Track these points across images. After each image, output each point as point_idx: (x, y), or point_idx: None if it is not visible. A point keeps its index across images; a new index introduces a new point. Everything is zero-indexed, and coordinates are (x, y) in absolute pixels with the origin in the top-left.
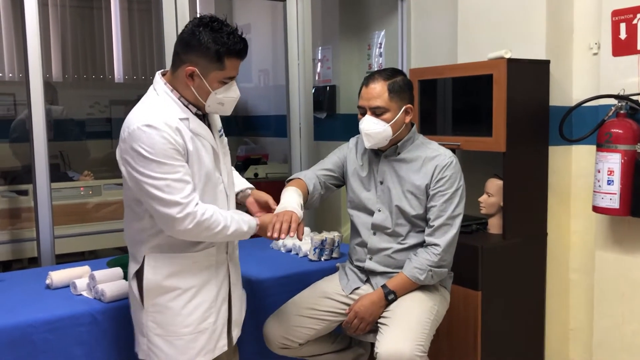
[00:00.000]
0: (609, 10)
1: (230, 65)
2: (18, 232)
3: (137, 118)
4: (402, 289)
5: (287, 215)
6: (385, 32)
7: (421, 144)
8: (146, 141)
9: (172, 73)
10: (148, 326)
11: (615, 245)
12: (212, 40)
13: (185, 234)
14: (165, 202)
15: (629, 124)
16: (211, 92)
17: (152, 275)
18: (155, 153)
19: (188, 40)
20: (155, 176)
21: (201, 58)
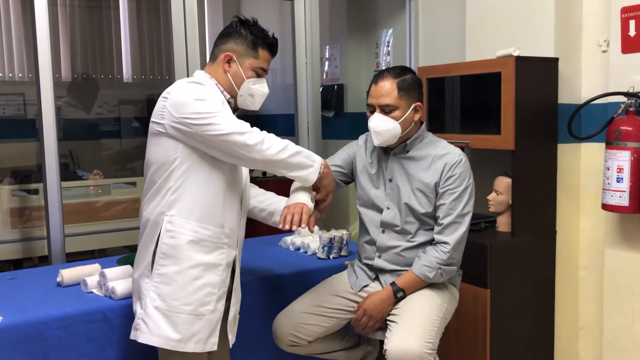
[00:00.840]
0: (618, 7)
1: (263, 56)
2: (29, 230)
3: (178, 84)
4: (411, 286)
5: (298, 207)
6: (393, 30)
7: (430, 142)
8: (195, 89)
9: (210, 64)
10: (150, 297)
11: (624, 243)
12: (249, 31)
13: (259, 146)
14: (232, 123)
15: (639, 121)
16: (245, 79)
17: (167, 239)
18: (207, 96)
19: (227, 32)
20: (215, 110)
21: (239, 45)
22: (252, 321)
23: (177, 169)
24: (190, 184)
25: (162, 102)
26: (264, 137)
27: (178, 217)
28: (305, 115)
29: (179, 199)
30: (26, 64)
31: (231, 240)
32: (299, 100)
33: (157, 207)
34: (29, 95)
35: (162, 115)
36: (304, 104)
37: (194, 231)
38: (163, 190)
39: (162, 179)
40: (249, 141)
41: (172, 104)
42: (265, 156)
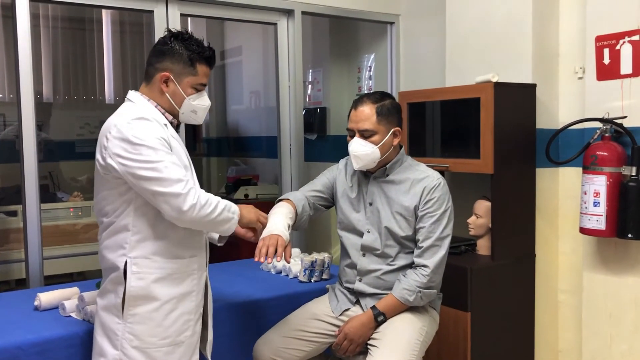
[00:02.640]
0: (593, 36)
1: (201, 71)
2: (6, 253)
3: (122, 117)
4: (391, 310)
5: (273, 239)
6: (375, 55)
7: (409, 166)
8: (138, 131)
9: (146, 85)
10: (125, 338)
11: (602, 266)
12: (184, 47)
13: (192, 211)
14: (168, 182)
15: (614, 146)
16: (185, 97)
17: (135, 281)
18: (149, 140)
19: (161, 49)
20: (153, 160)
21: (175, 64)
22: (232, 346)
23: (132, 209)
24: (149, 222)
25: (103, 140)
26: (197, 200)
27: (143, 258)
28: (288, 137)
29: (141, 239)
30: (7, 85)
31: (200, 264)
32: (281, 122)
33: (119, 249)
34: (9, 116)
35: (103, 155)
36: (286, 126)
37: (161, 268)
38: (122, 233)
39: (119, 220)
40: (184, 206)
41: (114, 145)
42: (195, 219)
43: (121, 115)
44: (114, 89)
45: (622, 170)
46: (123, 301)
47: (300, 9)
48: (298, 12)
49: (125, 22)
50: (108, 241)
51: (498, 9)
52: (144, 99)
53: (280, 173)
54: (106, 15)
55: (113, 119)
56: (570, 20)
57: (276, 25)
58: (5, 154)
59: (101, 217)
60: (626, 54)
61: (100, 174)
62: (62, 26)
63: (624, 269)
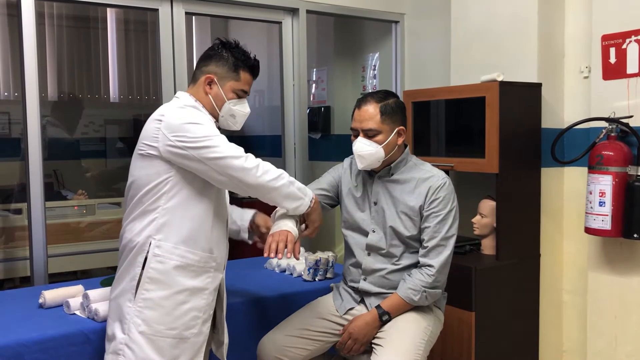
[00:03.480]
0: (599, 35)
1: (244, 78)
2: (11, 251)
3: (172, 105)
4: (396, 309)
5: (283, 235)
6: (380, 54)
7: (414, 165)
8: (190, 113)
9: (192, 86)
10: (133, 322)
11: (607, 267)
12: (230, 54)
13: (255, 171)
14: (228, 148)
15: (620, 146)
16: (226, 101)
17: (155, 263)
18: (202, 120)
19: (209, 54)
20: (210, 134)
21: (220, 67)
22: (237, 344)
23: (167, 192)
24: (180, 208)
25: (155, 124)
26: (259, 163)
27: (166, 242)
28: (292, 136)
29: (168, 222)
30: (12, 83)
31: (218, 264)
32: (286, 121)
33: (145, 230)
34: (14, 114)
35: (156, 137)
36: (291, 125)
37: (182, 256)
38: (151, 214)
39: (151, 202)
40: (246, 164)
41: (168, 126)
42: (259, 182)
43: (171, 104)
44: (119, 87)
45: (628, 170)
46: (139, 282)
47: (305, 7)
48: (303, 10)
49: (130, 21)
50: (135, 222)
51: (504, 8)
52: (190, 98)
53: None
54: (111, 13)
55: (163, 107)
56: (576, 19)
57: (281, 24)
58: (10, 151)
59: (133, 198)
60: (632, 53)
61: (144, 155)
62: (67, 24)
63: (629, 270)
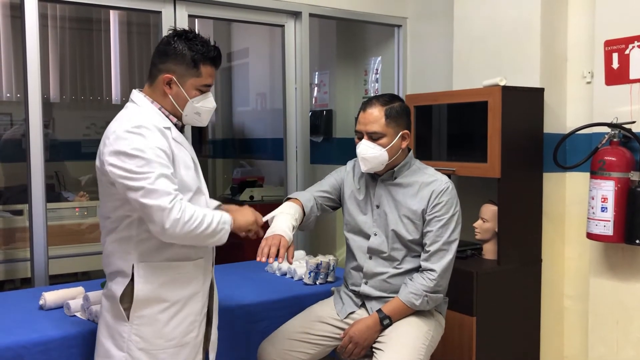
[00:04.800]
0: (601, 40)
1: (205, 72)
2: (11, 252)
3: (123, 123)
4: (397, 313)
5: (276, 239)
6: (382, 58)
7: (418, 169)
8: (134, 141)
9: (149, 86)
10: (131, 340)
11: (609, 272)
12: (187, 47)
13: (175, 226)
14: (155, 194)
15: (622, 151)
16: (189, 100)
17: (143, 285)
18: (145, 152)
19: (164, 50)
20: (144, 172)
21: (178, 65)
22: (237, 348)
23: (136, 216)
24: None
25: (102, 145)
26: (181, 215)
27: (149, 262)
28: (294, 139)
29: (147, 244)
30: (14, 84)
31: (206, 266)
32: (288, 125)
33: (125, 254)
34: (16, 115)
35: (102, 160)
36: (292, 128)
37: (168, 272)
38: (127, 238)
39: (123, 226)
40: (166, 223)
41: (109, 152)
42: (178, 235)
43: (121, 121)
44: (121, 89)
45: (630, 176)
46: (130, 305)
47: (308, 11)
48: (305, 14)
49: (133, 23)
50: (113, 246)
51: (506, 13)
52: (147, 101)
53: (286, 175)
54: (113, 15)
55: (113, 124)
56: (579, 24)
57: (283, 27)
58: (12, 153)
59: (105, 220)
60: (635, 58)
61: (102, 180)
62: (69, 26)
63: (631, 275)
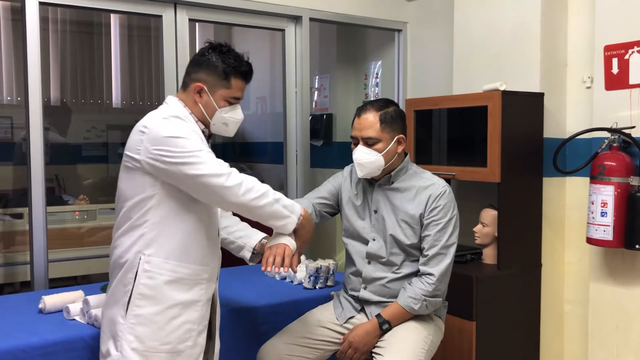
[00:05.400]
0: (601, 45)
1: (235, 86)
2: (11, 255)
3: (159, 113)
4: (396, 318)
5: (280, 248)
6: (382, 62)
7: (415, 174)
8: (177, 126)
9: (182, 92)
10: (125, 339)
11: (609, 277)
12: (220, 60)
13: (237, 190)
14: (210, 164)
15: (622, 156)
16: (217, 109)
17: (145, 279)
18: (185, 133)
19: (199, 60)
20: (192, 149)
21: (210, 76)
22: (236, 352)
23: (155, 206)
24: (169, 222)
25: (138, 135)
26: (242, 181)
27: (156, 257)
28: (294, 143)
29: (157, 237)
30: (15, 88)
31: (210, 275)
32: (288, 128)
33: (134, 245)
34: (17, 119)
35: (139, 150)
36: (293, 132)
37: (173, 271)
38: (139, 228)
39: (138, 216)
40: (227, 183)
41: (150, 139)
42: (241, 201)
43: (156, 114)
44: (121, 93)
45: (630, 181)
46: (129, 298)
47: (308, 15)
48: (306, 18)
49: (134, 27)
50: (124, 237)
51: (506, 18)
52: (180, 104)
53: (286, 179)
54: (114, 19)
55: (148, 116)
56: (578, 29)
57: (284, 31)
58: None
59: (120, 210)
60: (635, 63)
61: (130, 167)
62: (70, 30)
63: (631, 280)
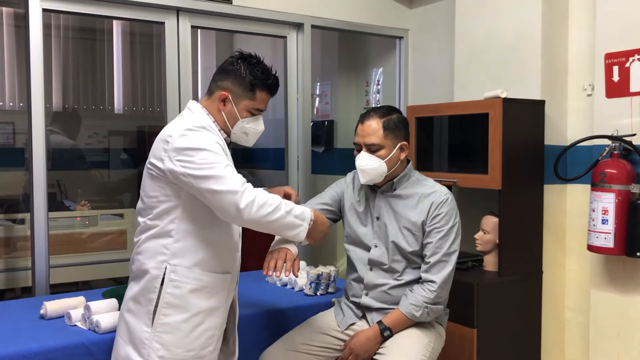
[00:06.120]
0: (602, 53)
1: (260, 98)
2: (12, 261)
3: (183, 123)
4: (397, 325)
5: (282, 253)
6: (383, 69)
7: (417, 181)
8: (197, 137)
9: (207, 98)
10: (152, 347)
11: (610, 285)
12: (248, 71)
13: (249, 208)
14: (226, 179)
15: (623, 164)
16: (239, 119)
17: (172, 289)
18: (209, 145)
19: (227, 69)
20: (212, 161)
21: (236, 86)
22: (238, 358)
23: (180, 216)
24: (194, 232)
25: (162, 144)
26: (255, 198)
27: (182, 267)
28: (295, 150)
29: (183, 247)
30: (17, 93)
31: (232, 282)
32: (289, 135)
33: (158, 255)
34: (19, 125)
35: (162, 159)
36: (294, 138)
37: (198, 279)
38: (165, 237)
39: (163, 225)
40: (241, 203)
41: (173, 149)
42: (254, 218)
43: (181, 122)
44: (123, 99)
45: (631, 188)
46: (156, 307)
47: (310, 22)
48: (308, 25)
49: (136, 33)
50: (147, 244)
51: (507, 25)
52: (203, 111)
53: (287, 185)
54: (117, 25)
55: (173, 125)
56: (579, 37)
57: (286, 38)
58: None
59: (143, 218)
60: (636, 71)
61: (154, 175)
62: (73, 36)
63: (632, 288)
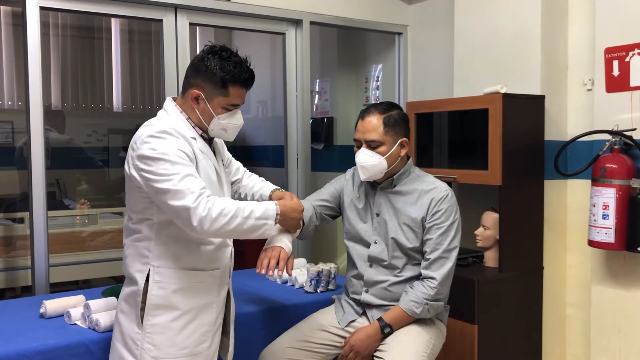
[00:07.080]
0: (602, 48)
1: (234, 93)
2: (12, 260)
3: (149, 129)
4: (398, 322)
5: (276, 251)
6: (383, 65)
7: (417, 177)
8: (158, 145)
9: (181, 97)
10: (144, 348)
11: (611, 280)
12: (219, 67)
13: (203, 224)
14: (180, 194)
15: (623, 159)
16: (214, 116)
17: (157, 290)
18: (168, 154)
19: (197, 65)
20: (169, 173)
21: (207, 83)
22: (238, 356)
23: (158, 220)
24: (175, 234)
25: (130, 149)
26: (208, 212)
27: (165, 268)
28: (295, 147)
29: (165, 249)
30: (16, 92)
31: (223, 277)
32: (289, 132)
33: (142, 257)
34: (18, 124)
35: (129, 164)
36: (293, 136)
37: (183, 280)
38: (146, 241)
39: (144, 229)
40: (193, 219)
41: (137, 156)
42: (210, 232)
43: (148, 127)
44: (122, 97)
45: (631, 183)
46: (143, 310)
47: (309, 19)
48: (306, 22)
49: (134, 31)
50: (131, 249)
51: (507, 21)
52: (176, 110)
53: (287, 182)
54: (115, 23)
55: (142, 129)
56: (579, 32)
57: (284, 35)
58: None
59: (127, 222)
60: (636, 66)
61: (128, 182)
62: (71, 34)
63: (633, 283)
